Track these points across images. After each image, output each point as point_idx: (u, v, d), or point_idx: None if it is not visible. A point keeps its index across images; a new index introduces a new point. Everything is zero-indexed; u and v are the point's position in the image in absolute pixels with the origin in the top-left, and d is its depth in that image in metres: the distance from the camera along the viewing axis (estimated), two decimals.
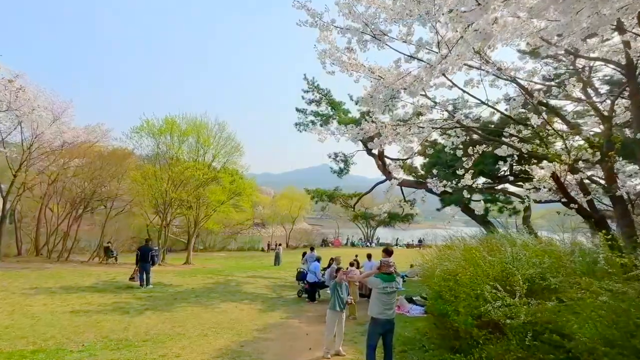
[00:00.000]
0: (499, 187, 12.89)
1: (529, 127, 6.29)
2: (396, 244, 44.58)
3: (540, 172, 6.75)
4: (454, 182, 7.34)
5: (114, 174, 18.55)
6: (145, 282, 11.89)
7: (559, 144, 7.02)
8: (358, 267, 11.01)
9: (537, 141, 6.00)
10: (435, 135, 18.39)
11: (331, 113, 16.37)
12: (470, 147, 6.52)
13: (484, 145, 6.27)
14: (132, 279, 12.32)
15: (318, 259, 13.12)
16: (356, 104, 14.83)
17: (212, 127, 21.93)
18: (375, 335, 5.27)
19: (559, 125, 7.55)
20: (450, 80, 6.11)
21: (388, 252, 5.83)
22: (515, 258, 4.31)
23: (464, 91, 6.27)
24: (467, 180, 6.52)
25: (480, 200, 14.44)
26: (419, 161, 20.44)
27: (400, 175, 17.70)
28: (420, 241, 44.49)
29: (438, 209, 15.53)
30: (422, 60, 5.66)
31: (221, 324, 8.16)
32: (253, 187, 30.25)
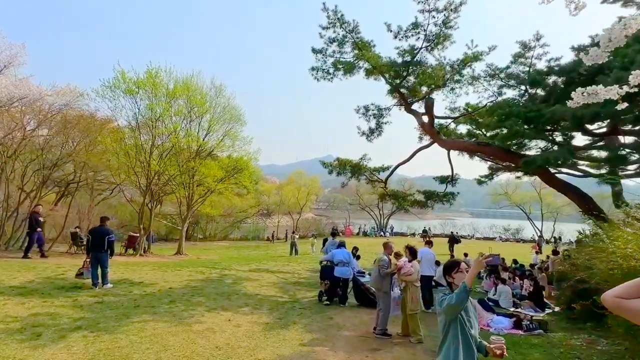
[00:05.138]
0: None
1: None
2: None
3: None
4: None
5: (83, 143, 14.77)
6: (100, 280, 8.17)
7: None
8: (415, 258, 7.05)
9: None
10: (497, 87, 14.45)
11: (353, 60, 12.33)
12: None
13: None
14: (80, 274, 8.56)
15: (342, 244, 9.21)
16: (396, 36, 10.72)
17: (208, 91, 18.06)
18: None
19: None
20: None
21: None
22: None
23: None
24: None
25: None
26: (463, 128, 16.57)
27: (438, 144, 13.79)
28: (424, 231, 38.77)
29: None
30: None
31: None
32: (256, 171, 26.43)
